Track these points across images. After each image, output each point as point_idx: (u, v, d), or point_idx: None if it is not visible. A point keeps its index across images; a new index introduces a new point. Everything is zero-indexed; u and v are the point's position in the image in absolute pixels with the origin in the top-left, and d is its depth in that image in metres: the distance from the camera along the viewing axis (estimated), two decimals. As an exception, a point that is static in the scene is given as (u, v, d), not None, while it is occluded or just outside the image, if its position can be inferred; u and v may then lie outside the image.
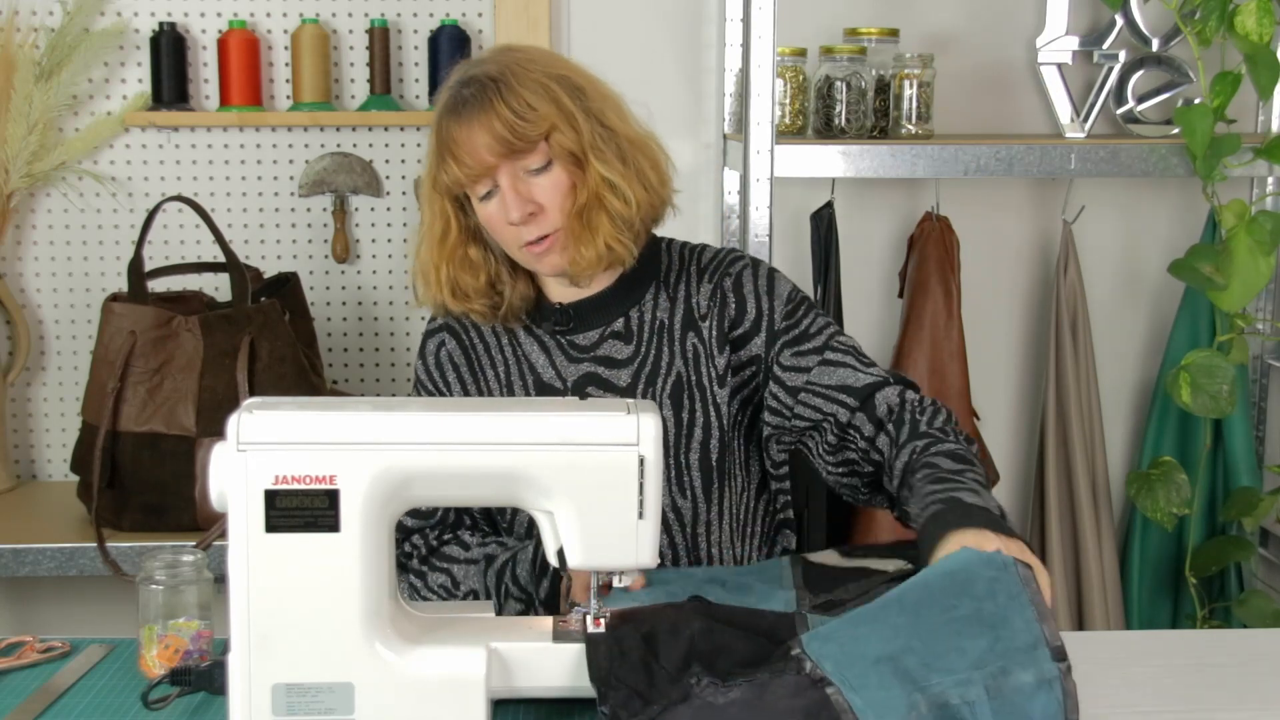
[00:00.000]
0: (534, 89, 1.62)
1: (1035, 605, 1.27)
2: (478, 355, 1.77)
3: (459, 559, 1.69)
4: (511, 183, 1.62)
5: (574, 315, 1.74)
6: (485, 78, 1.62)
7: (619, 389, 1.72)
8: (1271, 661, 1.51)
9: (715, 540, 1.73)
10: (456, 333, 1.79)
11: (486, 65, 1.65)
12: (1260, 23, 2.41)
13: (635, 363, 1.72)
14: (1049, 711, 1.21)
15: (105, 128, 2.62)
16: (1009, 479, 2.84)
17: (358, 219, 2.73)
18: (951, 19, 2.72)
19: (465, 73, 1.66)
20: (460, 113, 1.62)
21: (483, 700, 1.29)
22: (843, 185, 2.68)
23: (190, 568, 1.47)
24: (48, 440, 2.74)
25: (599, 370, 1.72)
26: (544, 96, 1.62)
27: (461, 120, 1.61)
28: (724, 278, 1.75)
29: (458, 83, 1.65)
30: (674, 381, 1.72)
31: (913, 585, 1.32)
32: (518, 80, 1.62)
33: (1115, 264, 2.83)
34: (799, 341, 1.71)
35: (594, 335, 1.73)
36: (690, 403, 1.72)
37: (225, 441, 1.27)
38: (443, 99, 1.66)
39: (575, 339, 1.74)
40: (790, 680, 1.23)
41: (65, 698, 1.41)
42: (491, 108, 1.60)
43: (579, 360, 1.73)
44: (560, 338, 1.74)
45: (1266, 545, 2.76)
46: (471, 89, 1.62)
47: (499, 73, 1.63)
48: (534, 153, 1.62)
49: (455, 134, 1.62)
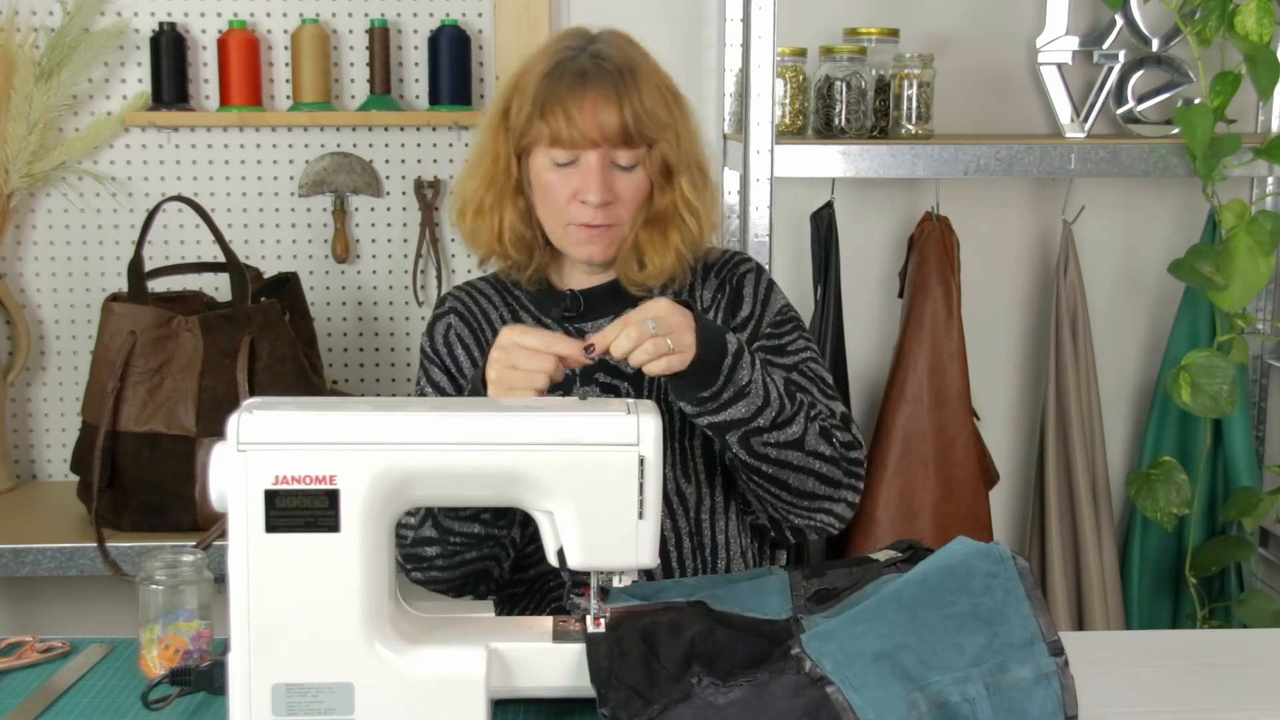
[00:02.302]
0: (657, 94, 1.68)
1: (1032, 599, 1.27)
2: (487, 339, 1.78)
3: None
4: (601, 165, 1.65)
5: (585, 302, 1.76)
6: (620, 60, 1.67)
7: (626, 376, 1.73)
8: (1271, 661, 1.51)
9: (720, 526, 1.75)
10: (464, 317, 1.80)
11: (614, 47, 1.69)
12: (1260, 23, 2.41)
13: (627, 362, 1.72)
14: (1047, 706, 1.21)
15: (105, 128, 2.62)
16: (1009, 479, 2.85)
17: (358, 219, 2.73)
18: (951, 19, 2.72)
19: (585, 43, 1.70)
20: (588, 79, 1.64)
21: (483, 700, 1.29)
22: (843, 185, 2.68)
23: (190, 568, 1.47)
24: (48, 440, 2.74)
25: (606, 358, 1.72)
26: (664, 105, 1.69)
27: (588, 87, 1.64)
28: (730, 275, 1.80)
29: (580, 49, 1.68)
30: None
31: (910, 581, 1.32)
32: (646, 78, 1.68)
33: (1115, 264, 2.83)
34: (774, 354, 1.74)
35: (602, 324, 1.74)
36: None
37: (225, 441, 1.27)
38: (558, 55, 1.68)
39: (583, 326, 1.76)
40: (790, 679, 1.24)
41: (65, 698, 1.41)
42: (625, 94, 1.64)
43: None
44: (569, 325, 1.76)
45: (1266, 545, 2.76)
46: (600, 66, 1.66)
47: (630, 62, 1.68)
48: (634, 151, 1.67)
49: (577, 97, 1.64)
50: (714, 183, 1.78)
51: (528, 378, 1.47)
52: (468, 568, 1.65)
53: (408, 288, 2.73)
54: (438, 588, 1.70)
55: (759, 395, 1.56)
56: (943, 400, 2.57)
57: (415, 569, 1.67)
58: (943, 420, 2.57)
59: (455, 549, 1.63)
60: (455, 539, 1.62)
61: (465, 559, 1.64)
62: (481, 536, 1.61)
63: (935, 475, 2.56)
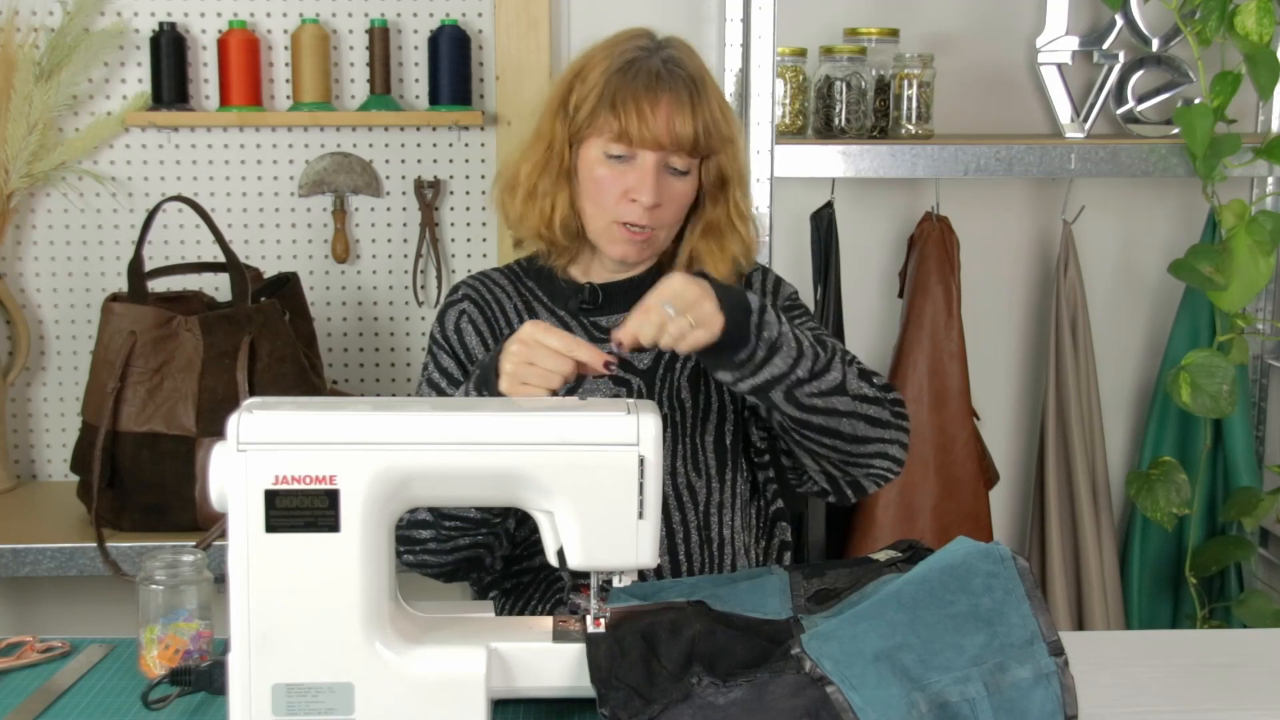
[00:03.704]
0: (721, 109, 1.70)
1: (1032, 599, 1.27)
2: (500, 328, 1.78)
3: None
4: (657, 168, 1.67)
5: (603, 296, 1.77)
6: (693, 69, 1.69)
7: (639, 372, 1.75)
8: (1271, 661, 1.51)
9: (727, 521, 1.76)
10: (478, 304, 1.80)
11: (686, 56, 1.71)
12: (1260, 23, 2.41)
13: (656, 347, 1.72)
14: (1047, 707, 1.22)
15: (105, 128, 2.62)
16: (1009, 479, 2.85)
17: (358, 219, 2.73)
18: (951, 19, 2.72)
19: (656, 46, 1.71)
20: (658, 84, 1.66)
21: (483, 700, 1.29)
22: (843, 185, 2.68)
23: (190, 568, 1.47)
24: (48, 440, 2.74)
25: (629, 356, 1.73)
26: (726, 118, 1.71)
27: (660, 90, 1.65)
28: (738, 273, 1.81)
29: (651, 50, 1.70)
30: (693, 366, 1.76)
31: (910, 581, 1.32)
32: (713, 92, 1.70)
33: (1115, 264, 2.83)
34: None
35: (618, 319, 1.73)
36: (707, 388, 1.76)
37: (225, 441, 1.27)
38: (629, 53, 1.69)
39: (599, 320, 1.77)
40: (790, 679, 1.24)
41: (65, 698, 1.41)
42: (698, 101, 1.66)
43: (603, 342, 1.71)
44: (584, 318, 1.77)
45: (1266, 545, 2.76)
46: (674, 72, 1.67)
47: (701, 74, 1.70)
48: (692, 159, 1.69)
49: (649, 96, 1.65)
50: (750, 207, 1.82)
51: (544, 376, 1.46)
52: (460, 554, 1.66)
53: (408, 288, 2.73)
54: (429, 572, 1.70)
55: (792, 348, 1.55)
56: (943, 400, 2.57)
57: (407, 551, 1.66)
58: (943, 420, 2.57)
59: (449, 534, 1.63)
60: (449, 523, 1.62)
61: (459, 544, 1.64)
62: (476, 521, 1.61)
63: (935, 475, 2.56)
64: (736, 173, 1.74)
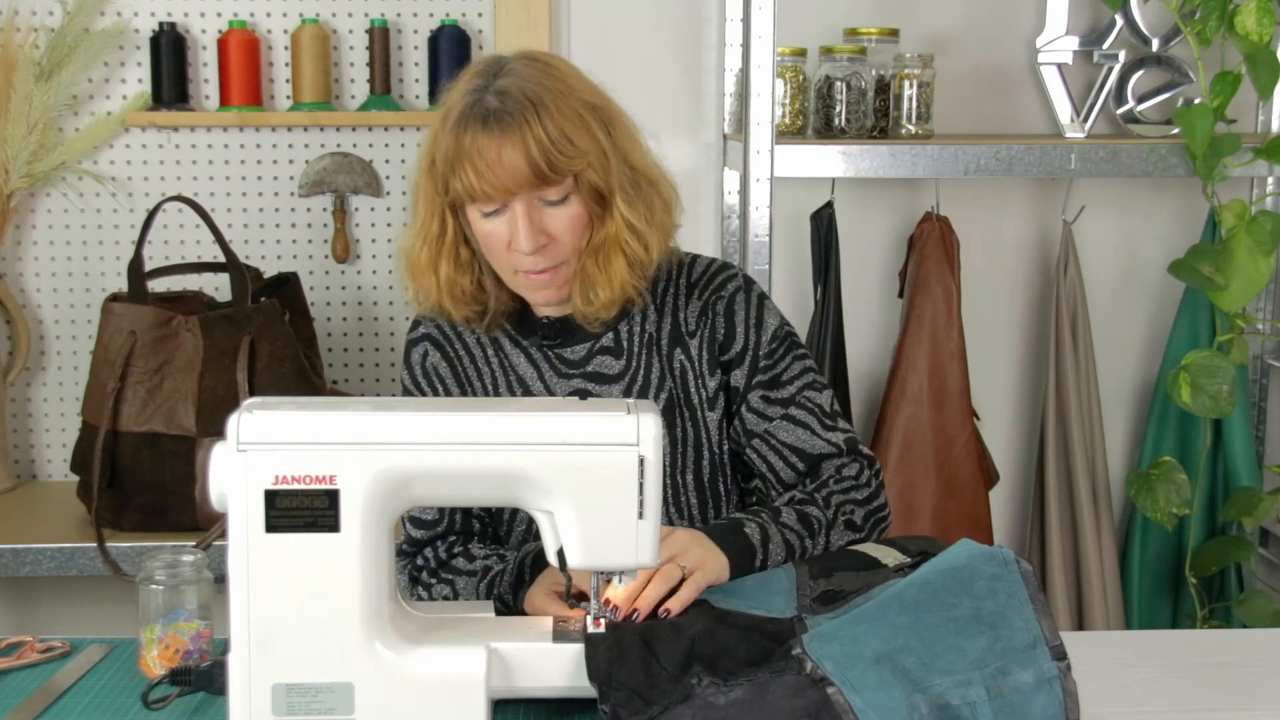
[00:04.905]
0: (573, 120, 1.54)
1: (1035, 603, 1.27)
2: (463, 366, 1.74)
3: (463, 570, 1.68)
4: (526, 210, 1.55)
5: (562, 329, 1.70)
6: (522, 95, 1.53)
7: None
8: (1271, 661, 1.51)
9: None
10: (439, 343, 1.74)
11: (520, 79, 1.55)
12: (1260, 23, 2.41)
13: (626, 378, 1.69)
14: (1049, 711, 1.21)
15: (105, 128, 2.62)
16: (1009, 479, 2.85)
17: (358, 219, 2.73)
18: (951, 19, 2.72)
19: (493, 79, 1.56)
20: (490, 125, 1.52)
21: (483, 700, 1.29)
22: (843, 185, 2.68)
23: (190, 568, 1.47)
24: (48, 440, 2.74)
25: (590, 386, 1.69)
26: (582, 130, 1.55)
27: (491, 133, 1.52)
28: (716, 299, 1.70)
29: (484, 88, 1.55)
30: (666, 398, 1.69)
31: (913, 583, 1.32)
32: (556, 107, 1.53)
33: (1115, 264, 2.83)
34: (771, 386, 1.68)
35: (582, 350, 1.70)
36: (682, 421, 1.70)
37: (225, 441, 1.27)
38: (464, 100, 1.55)
39: (564, 353, 1.70)
40: (791, 680, 1.23)
41: (65, 698, 1.41)
42: (529, 130, 1.52)
43: (569, 376, 1.70)
44: (549, 351, 1.71)
45: (1266, 545, 2.76)
46: (505, 103, 1.53)
47: (536, 94, 1.53)
48: (559, 185, 1.55)
49: (481, 145, 1.52)
50: (665, 180, 1.66)
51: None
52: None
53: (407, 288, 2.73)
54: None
55: (783, 554, 1.55)
56: (943, 400, 2.57)
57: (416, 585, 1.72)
58: (943, 420, 2.57)
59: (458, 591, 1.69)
60: (460, 581, 1.68)
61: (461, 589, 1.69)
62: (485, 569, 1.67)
63: (935, 475, 2.56)
64: (615, 182, 1.59)
